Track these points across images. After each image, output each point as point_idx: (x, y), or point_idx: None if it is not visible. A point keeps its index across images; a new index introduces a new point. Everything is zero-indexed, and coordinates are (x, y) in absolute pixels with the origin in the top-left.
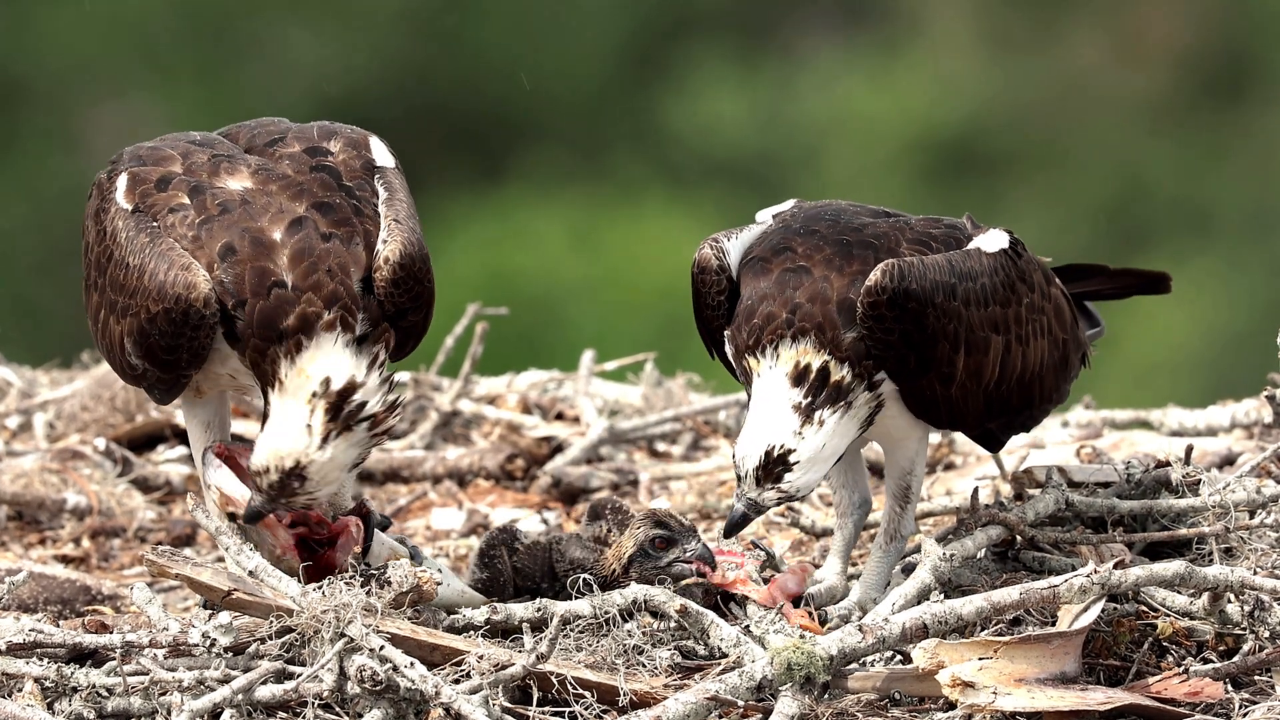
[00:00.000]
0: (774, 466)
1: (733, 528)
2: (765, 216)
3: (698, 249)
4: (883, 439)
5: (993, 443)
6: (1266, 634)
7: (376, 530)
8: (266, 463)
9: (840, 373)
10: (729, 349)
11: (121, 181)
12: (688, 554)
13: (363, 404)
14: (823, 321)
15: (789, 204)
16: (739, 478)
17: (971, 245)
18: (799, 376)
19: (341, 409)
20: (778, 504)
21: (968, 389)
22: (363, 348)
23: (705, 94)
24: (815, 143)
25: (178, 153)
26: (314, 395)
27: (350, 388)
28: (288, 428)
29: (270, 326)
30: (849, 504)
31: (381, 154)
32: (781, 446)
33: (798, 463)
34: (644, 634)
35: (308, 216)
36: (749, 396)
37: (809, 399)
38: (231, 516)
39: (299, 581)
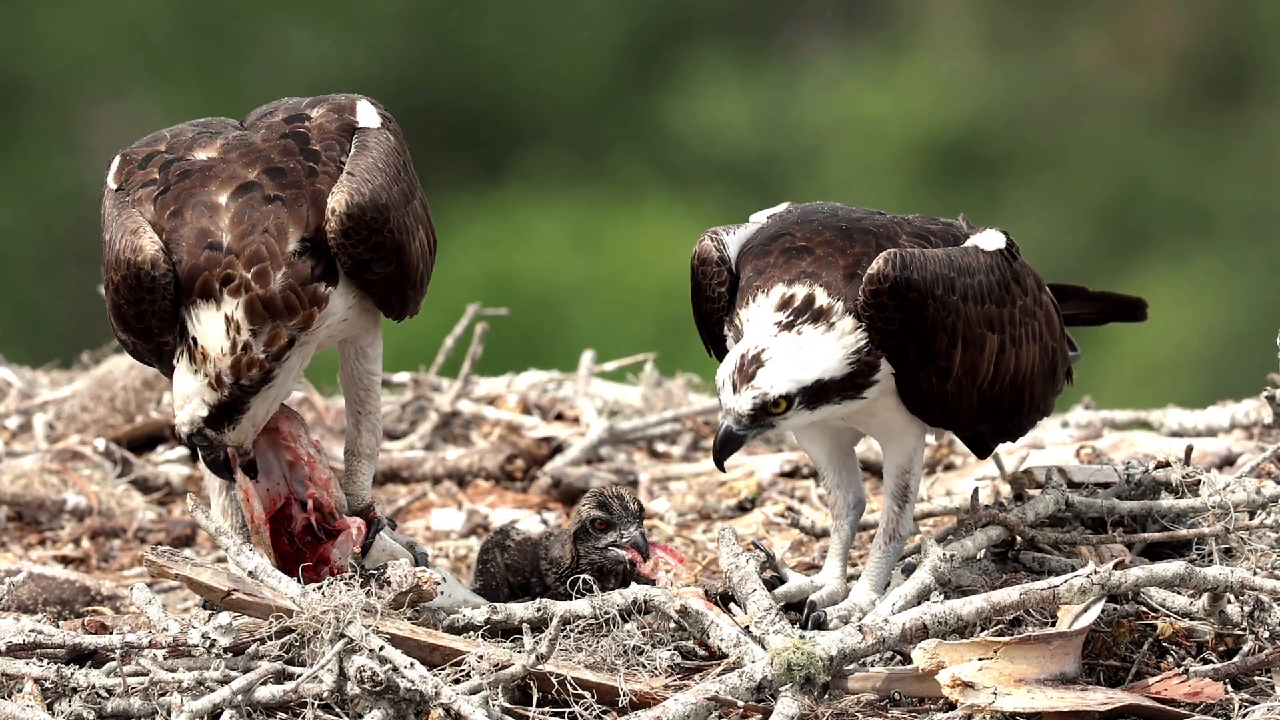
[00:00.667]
0: (747, 366)
1: (719, 450)
2: (759, 217)
3: (697, 242)
4: (880, 435)
5: (981, 447)
6: (1266, 634)
7: (385, 536)
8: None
9: (825, 299)
10: (730, 337)
11: (114, 164)
12: (624, 539)
13: (195, 338)
14: (828, 280)
15: (782, 206)
16: (718, 393)
17: (969, 243)
18: (784, 304)
19: (195, 347)
20: (754, 418)
21: (963, 385)
22: (256, 307)
23: (706, 95)
24: (816, 144)
25: (170, 133)
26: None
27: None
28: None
29: (191, 282)
30: (844, 505)
31: (367, 116)
32: (755, 348)
33: (770, 359)
34: (644, 634)
35: (256, 181)
36: None
37: (791, 317)
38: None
39: (270, 556)
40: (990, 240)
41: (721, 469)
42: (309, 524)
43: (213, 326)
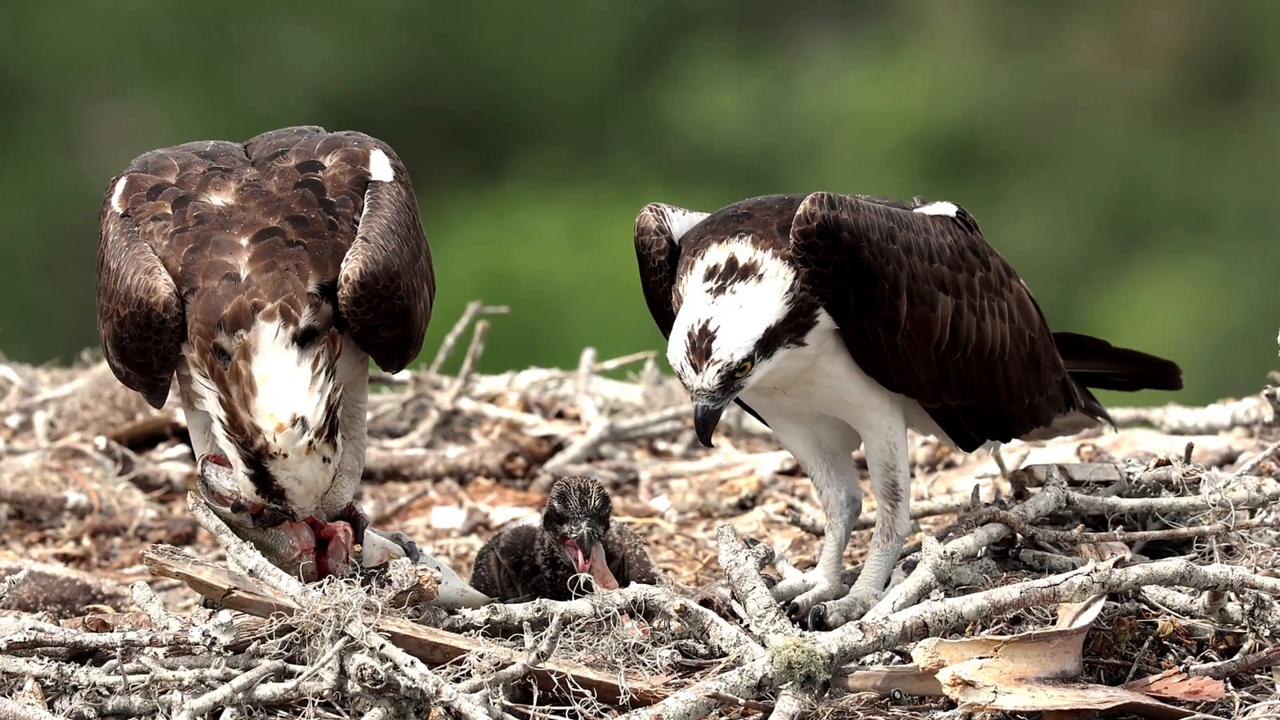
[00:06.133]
0: (699, 342)
1: (702, 429)
2: (702, 214)
3: (638, 215)
4: (846, 413)
5: (960, 434)
6: (1267, 632)
7: (367, 532)
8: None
9: (748, 255)
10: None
11: (120, 185)
12: (572, 534)
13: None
14: (762, 232)
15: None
16: (679, 377)
17: (915, 211)
18: (710, 273)
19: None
20: (725, 386)
21: (915, 342)
22: (306, 348)
23: (704, 90)
24: (814, 137)
25: (179, 164)
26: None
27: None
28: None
29: (212, 312)
30: (836, 503)
31: (380, 168)
32: (698, 321)
33: (719, 327)
34: (644, 632)
35: (279, 227)
36: None
37: (718, 283)
38: (255, 517)
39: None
40: (938, 209)
41: (709, 445)
42: None
43: (303, 379)
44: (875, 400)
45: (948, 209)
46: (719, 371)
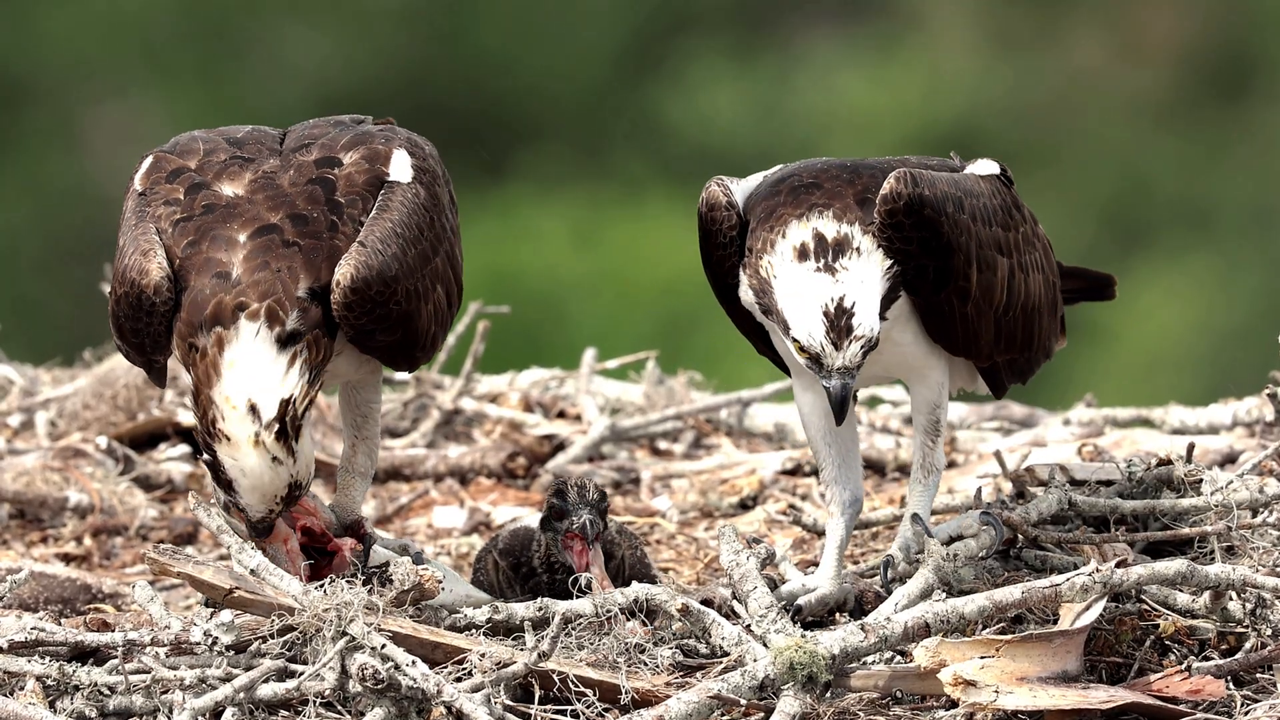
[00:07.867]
0: (839, 320)
1: (839, 407)
2: (755, 177)
3: (704, 190)
4: (905, 373)
5: (997, 384)
6: (1268, 632)
7: (374, 548)
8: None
9: (835, 230)
10: (744, 284)
11: (145, 164)
12: (574, 525)
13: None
14: (840, 206)
15: (775, 168)
16: (815, 358)
17: (965, 171)
18: (802, 253)
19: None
20: (861, 361)
21: (981, 308)
22: (286, 347)
23: (703, 89)
24: (814, 135)
25: (205, 149)
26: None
27: (287, 405)
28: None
29: (196, 311)
30: (840, 502)
31: (399, 168)
32: (831, 300)
33: (855, 303)
34: (646, 631)
35: (278, 225)
36: (769, 306)
37: (821, 260)
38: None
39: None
40: (985, 168)
41: (842, 422)
42: (304, 547)
43: (277, 371)
44: (934, 360)
45: (992, 168)
46: (862, 346)
